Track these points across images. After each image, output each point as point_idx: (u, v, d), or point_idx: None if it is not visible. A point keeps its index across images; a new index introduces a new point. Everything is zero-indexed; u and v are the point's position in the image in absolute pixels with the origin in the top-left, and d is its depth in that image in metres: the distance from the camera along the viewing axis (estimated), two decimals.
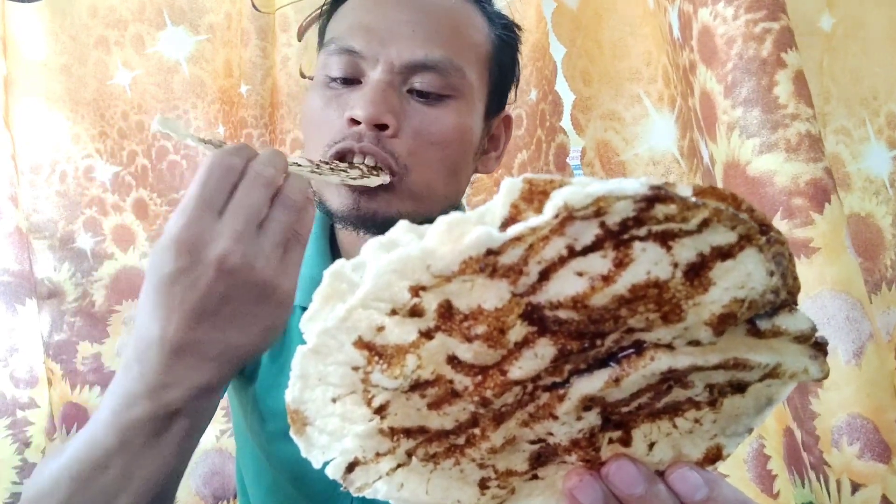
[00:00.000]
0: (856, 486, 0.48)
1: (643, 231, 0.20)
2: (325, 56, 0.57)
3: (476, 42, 0.59)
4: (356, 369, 0.24)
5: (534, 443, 0.27)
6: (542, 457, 0.27)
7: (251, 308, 0.40)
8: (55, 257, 1.07)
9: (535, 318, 0.22)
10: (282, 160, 0.42)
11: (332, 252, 0.64)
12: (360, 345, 0.23)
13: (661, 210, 0.20)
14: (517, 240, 0.20)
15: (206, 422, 0.43)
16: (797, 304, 0.24)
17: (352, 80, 0.55)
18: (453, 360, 0.23)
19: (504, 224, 0.21)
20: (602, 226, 0.20)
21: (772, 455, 0.66)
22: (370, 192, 0.53)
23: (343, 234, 0.62)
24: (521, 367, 0.23)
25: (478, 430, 0.26)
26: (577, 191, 0.19)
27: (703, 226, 0.21)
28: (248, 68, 1.08)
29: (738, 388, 0.26)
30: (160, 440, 0.40)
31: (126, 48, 1.09)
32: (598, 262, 0.21)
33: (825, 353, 0.26)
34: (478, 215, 0.22)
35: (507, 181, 0.21)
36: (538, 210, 0.21)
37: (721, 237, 0.21)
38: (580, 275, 0.21)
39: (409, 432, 0.26)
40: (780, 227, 0.51)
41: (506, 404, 0.25)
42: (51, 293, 1.06)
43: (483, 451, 0.26)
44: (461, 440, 0.26)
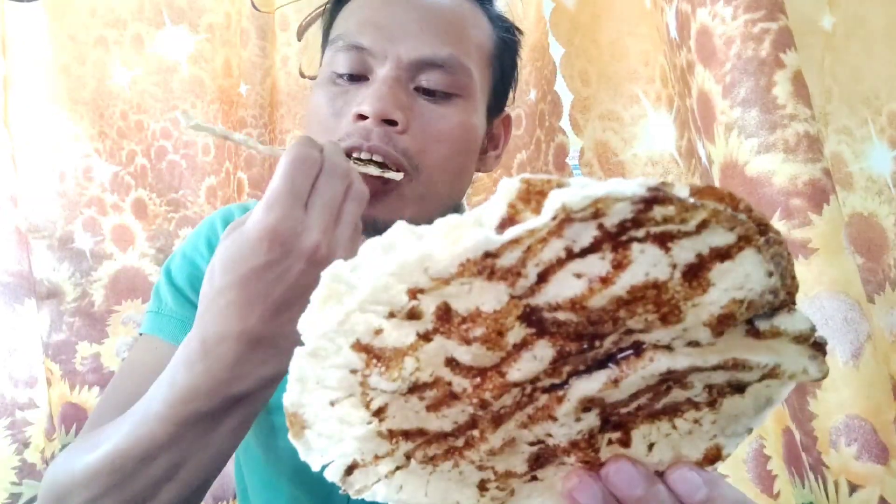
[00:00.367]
0: (853, 488, 0.48)
1: (641, 232, 0.20)
2: (332, 53, 0.57)
3: (480, 42, 0.59)
4: (354, 372, 0.24)
5: (533, 444, 0.27)
6: (542, 458, 0.27)
7: None
8: (54, 257, 1.07)
9: (534, 320, 0.22)
10: (343, 151, 0.44)
11: None
12: (358, 348, 0.23)
13: (659, 211, 0.20)
14: (515, 242, 0.20)
15: (262, 409, 0.43)
16: (796, 305, 0.24)
17: (359, 77, 0.55)
18: (452, 363, 0.23)
19: (502, 224, 0.21)
20: (600, 227, 0.20)
21: (771, 455, 0.66)
22: (378, 194, 0.53)
23: None
24: (520, 369, 0.23)
25: (476, 432, 0.26)
26: (575, 192, 0.19)
27: (702, 227, 0.21)
28: (247, 68, 1.08)
29: (738, 388, 0.26)
30: (216, 432, 0.40)
31: (125, 48, 1.09)
32: (597, 264, 0.21)
33: (824, 353, 0.26)
34: (475, 216, 0.21)
35: (504, 181, 0.21)
36: (536, 210, 0.20)
37: (719, 238, 0.21)
38: (578, 276, 0.21)
39: (407, 434, 0.26)
40: (778, 227, 0.50)
41: (504, 406, 0.25)
42: (50, 293, 1.06)
43: (482, 452, 0.26)
44: (460, 442, 0.26)
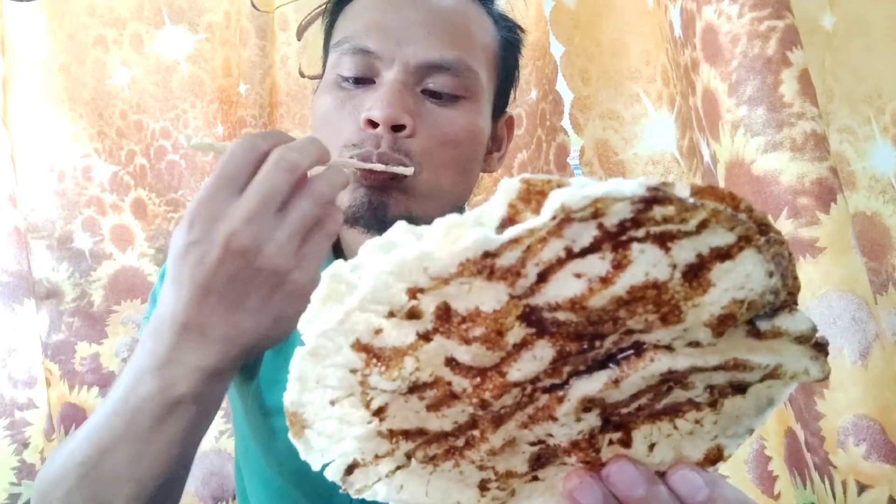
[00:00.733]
0: (862, 488, 0.48)
1: (641, 232, 0.20)
2: (338, 55, 0.56)
3: (486, 43, 0.59)
4: (354, 372, 0.24)
5: (533, 444, 0.27)
6: (542, 458, 0.27)
7: (261, 294, 0.39)
8: (53, 257, 1.06)
9: (534, 320, 0.22)
10: (315, 149, 0.41)
11: (336, 253, 0.64)
12: (358, 347, 0.23)
13: (659, 211, 0.20)
14: (514, 242, 0.20)
15: (212, 411, 0.43)
16: (797, 305, 0.24)
17: (365, 80, 0.55)
18: (451, 363, 0.23)
19: (502, 225, 0.21)
20: (600, 227, 0.20)
21: (773, 456, 0.66)
22: (383, 190, 0.53)
23: (348, 234, 0.62)
24: (520, 369, 0.23)
25: (477, 432, 0.26)
26: (575, 192, 0.19)
27: (702, 227, 0.21)
28: (247, 67, 1.08)
29: (739, 388, 0.26)
30: (165, 425, 0.40)
31: (124, 47, 1.08)
32: (597, 264, 0.21)
33: (826, 353, 0.26)
34: (475, 216, 0.21)
35: (504, 182, 0.21)
36: (536, 210, 0.20)
37: (720, 238, 0.21)
38: (578, 276, 0.21)
39: (407, 434, 0.25)
40: (785, 226, 0.50)
41: (505, 406, 0.25)
42: (49, 293, 1.06)
43: (482, 452, 0.26)
44: (460, 442, 0.26)
